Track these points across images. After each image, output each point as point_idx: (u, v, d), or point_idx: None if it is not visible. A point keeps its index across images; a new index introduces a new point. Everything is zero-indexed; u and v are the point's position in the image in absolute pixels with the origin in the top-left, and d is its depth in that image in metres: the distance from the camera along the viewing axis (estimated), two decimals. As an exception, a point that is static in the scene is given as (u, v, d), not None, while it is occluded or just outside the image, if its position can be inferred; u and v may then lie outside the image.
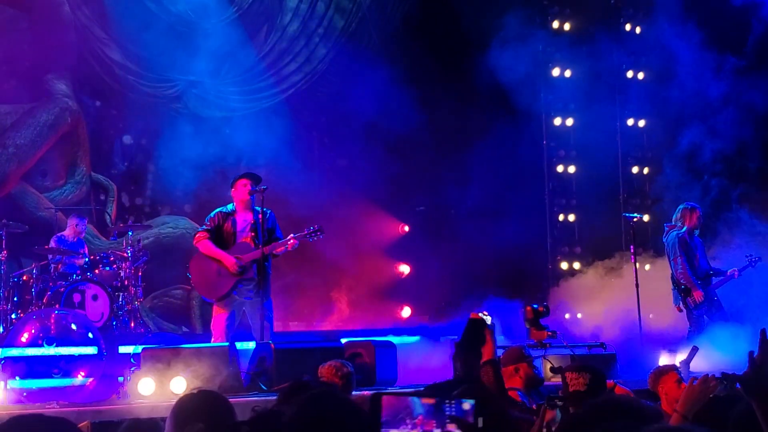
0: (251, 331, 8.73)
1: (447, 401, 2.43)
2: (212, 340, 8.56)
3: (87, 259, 10.08)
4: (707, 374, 3.86)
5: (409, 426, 2.46)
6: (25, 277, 9.64)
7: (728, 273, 10.22)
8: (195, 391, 3.31)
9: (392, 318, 13.07)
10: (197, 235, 8.78)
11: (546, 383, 5.94)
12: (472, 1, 13.12)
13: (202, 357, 7.44)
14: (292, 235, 8.63)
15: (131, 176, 12.36)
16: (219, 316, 8.63)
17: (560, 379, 4.39)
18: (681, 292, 10.01)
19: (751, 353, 2.67)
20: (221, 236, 8.71)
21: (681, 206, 10.23)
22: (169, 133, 12.40)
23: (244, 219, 8.78)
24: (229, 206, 8.85)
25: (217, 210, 8.85)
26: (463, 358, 4.26)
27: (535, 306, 4.20)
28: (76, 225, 10.52)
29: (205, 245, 8.65)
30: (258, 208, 8.68)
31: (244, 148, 12.42)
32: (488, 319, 4.59)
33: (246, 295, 8.64)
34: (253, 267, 8.58)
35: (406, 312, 13.34)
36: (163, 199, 12.47)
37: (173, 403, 6.79)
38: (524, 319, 4.41)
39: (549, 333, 4.45)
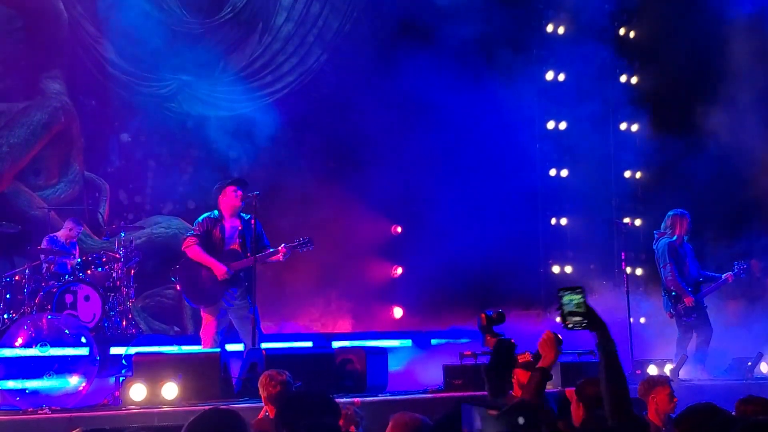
0: (238, 336, 8.77)
1: None
2: (202, 346, 8.56)
3: (79, 260, 10.07)
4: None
5: None
6: (17, 277, 9.62)
7: (723, 277, 10.25)
8: (209, 410, 3.20)
9: (384, 319, 13.08)
10: (186, 241, 8.73)
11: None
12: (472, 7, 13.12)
13: (194, 363, 7.47)
14: (283, 244, 8.63)
15: (124, 176, 12.34)
16: (208, 323, 8.61)
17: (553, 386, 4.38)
18: (671, 298, 10.08)
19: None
20: (209, 242, 8.66)
21: (670, 213, 10.25)
22: (162, 133, 12.40)
23: (231, 225, 8.74)
24: (216, 212, 8.80)
25: (205, 215, 8.81)
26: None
27: (489, 312, 4.18)
28: (71, 230, 10.48)
29: (194, 251, 8.61)
30: (245, 216, 8.68)
31: (236, 149, 12.42)
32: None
33: (234, 302, 8.64)
34: (240, 274, 8.59)
35: (398, 313, 13.36)
36: (154, 200, 12.45)
37: (164, 409, 6.87)
38: (478, 325, 4.37)
39: (502, 341, 4.45)
